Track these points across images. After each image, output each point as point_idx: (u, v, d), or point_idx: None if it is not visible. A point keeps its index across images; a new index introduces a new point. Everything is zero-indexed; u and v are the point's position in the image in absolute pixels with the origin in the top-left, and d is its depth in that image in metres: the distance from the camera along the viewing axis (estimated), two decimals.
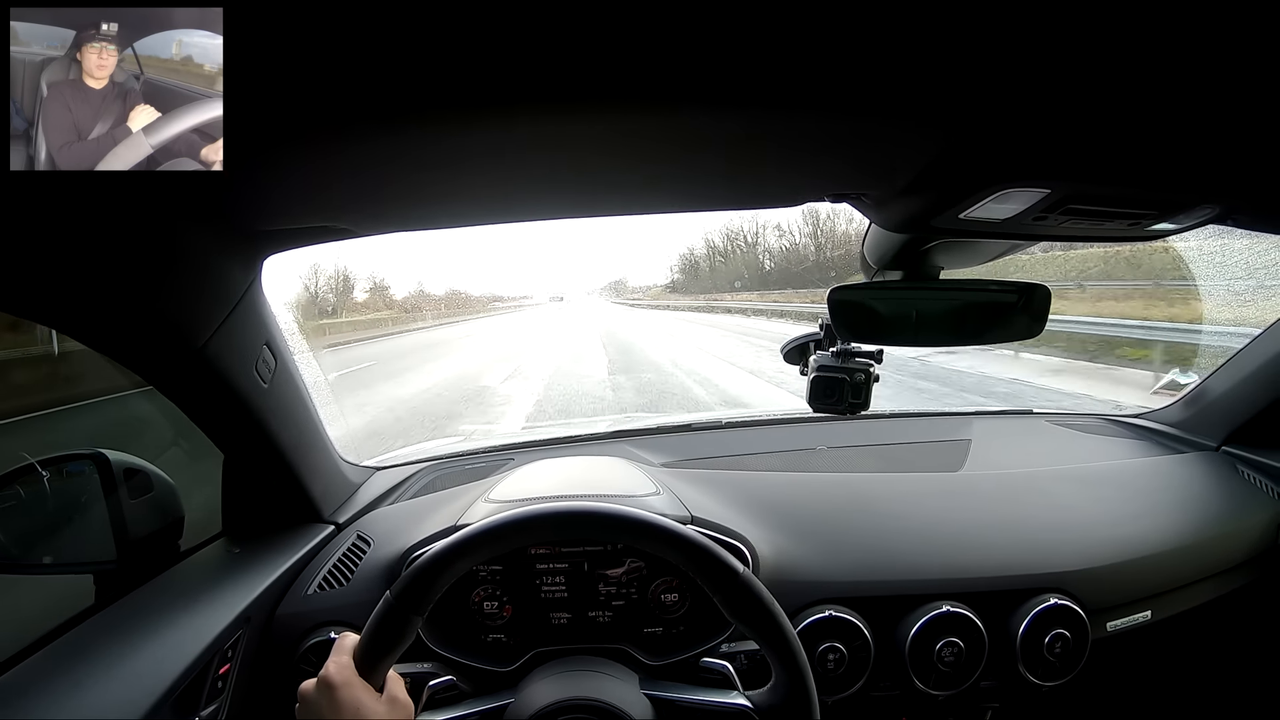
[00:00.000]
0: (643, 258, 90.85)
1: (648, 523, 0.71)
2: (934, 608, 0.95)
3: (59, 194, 0.51)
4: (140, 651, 0.73)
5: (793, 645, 0.69)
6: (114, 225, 0.58)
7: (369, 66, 0.41)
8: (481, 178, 0.62)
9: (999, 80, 0.47)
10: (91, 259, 0.60)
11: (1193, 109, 0.51)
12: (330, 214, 0.70)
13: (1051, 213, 0.66)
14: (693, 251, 53.59)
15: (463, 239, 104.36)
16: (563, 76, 0.43)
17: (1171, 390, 1.54)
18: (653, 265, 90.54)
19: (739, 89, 0.46)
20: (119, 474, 0.87)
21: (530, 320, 26.57)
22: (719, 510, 1.03)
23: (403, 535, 1.00)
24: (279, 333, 0.90)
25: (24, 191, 0.49)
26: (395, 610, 0.66)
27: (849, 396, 0.99)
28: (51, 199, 0.52)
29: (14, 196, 0.49)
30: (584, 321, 21.90)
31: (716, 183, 0.71)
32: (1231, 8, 0.39)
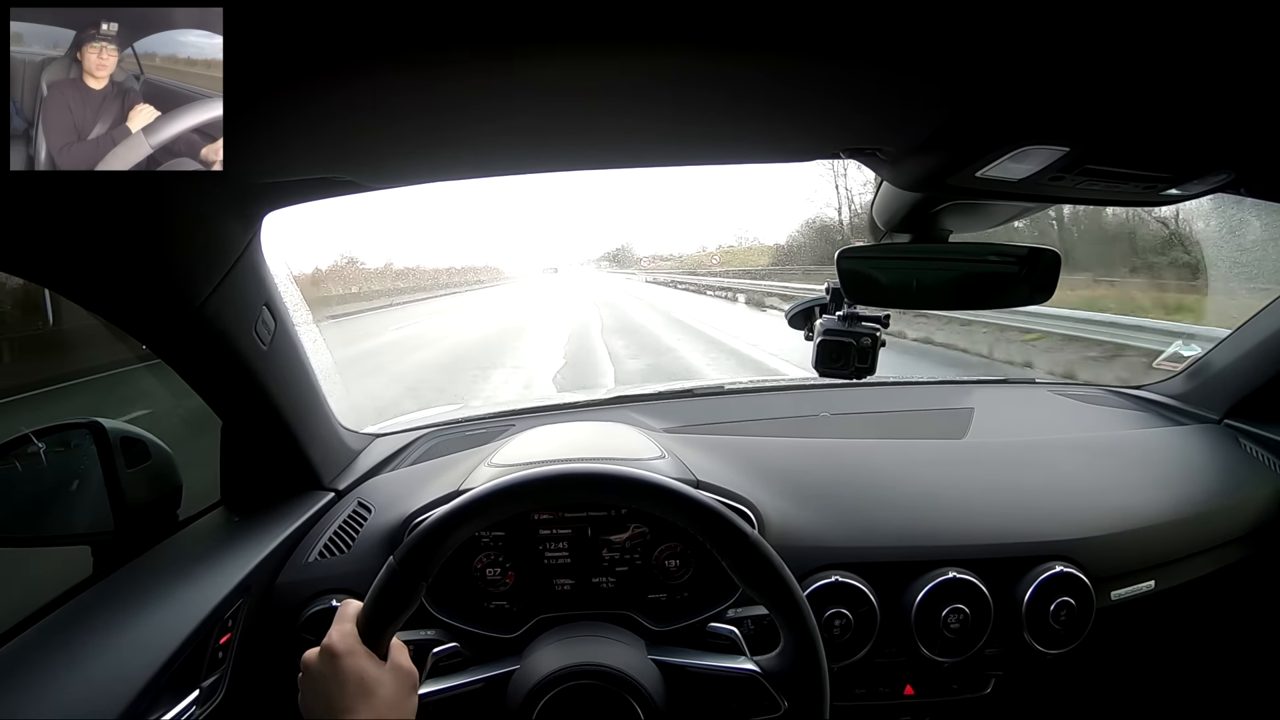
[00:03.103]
0: (658, 219, 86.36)
1: (657, 485, 0.70)
2: (940, 574, 0.95)
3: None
4: (139, 622, 0.72)
5: (802, 609, 0.69)
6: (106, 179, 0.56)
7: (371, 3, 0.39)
8: (489, 125, 0.60)
9: (1019, 35, 0.45)
10: (84, 215, 0.59)
11: (1215, 71, 0.50)
12: (332, 164, 0.68)
13: (1068, 173, 0.65)
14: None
15: (436, 200, 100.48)
16: (576, 14, 0.42)
17: (1174, 362, 1.54)
18: (674, 229, 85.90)
19: (754, 32, 0.45)
20: (116, 443, 0.86)
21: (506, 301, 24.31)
22: (724, 475, 1.02)
23: (404, 501, 0.99)
24: (278, 293, 0.89)
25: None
26: (399, 576, 0.65)
27: (855, 361, 0.99)
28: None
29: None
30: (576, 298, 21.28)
31: (729, 134, 0.69)
32: None
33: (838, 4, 0.42)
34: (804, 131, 0.68)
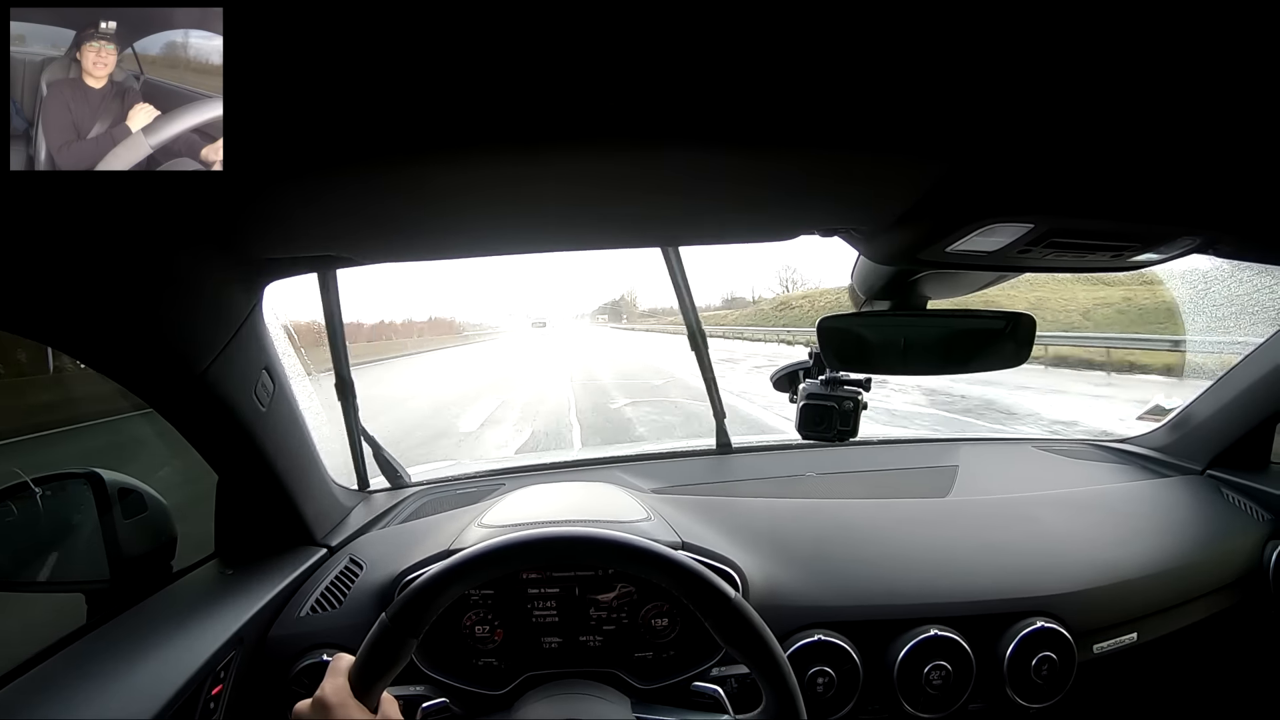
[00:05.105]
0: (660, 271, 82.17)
1: (640, 548, 0.72)
2: (922, 631, 0.95)
3: (67, 217, 0.52)
4: (132, 671, 0.73)
5: (783, 669, 0.70)
6: (121, 251, 0.59)
7: (369, 104, 0.42)
8: (480, 211, 0.63)
9: (983, 119, 0.48)
10: (98, 283, 0.61)
11: (1173, 142, 0.52)
12: (332, 243, 0.72)
13: (1035, 246, 0.68)
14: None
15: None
16: (557, 115, 0.45)
17: (1156, 415, 1.56)
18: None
19: (734, 128, 0.47)
20: (113, 493, 0.87)
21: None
22: (709, 536, 1.04)
23: (395, 559, 1.00)
24: (277, 358, 0.92)
25: (31, 212, 0.50)
26: (391, 632, 0.67)
27: (838, 424, 1.01)
28: (60, 222, 0.52)
29: (22, 218, 0.50)
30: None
31: (712, 218, 0.72)
32: (1209, 45, 0.40)
33: (810, 102, 0.45)
34: (780, 214, 0.71)
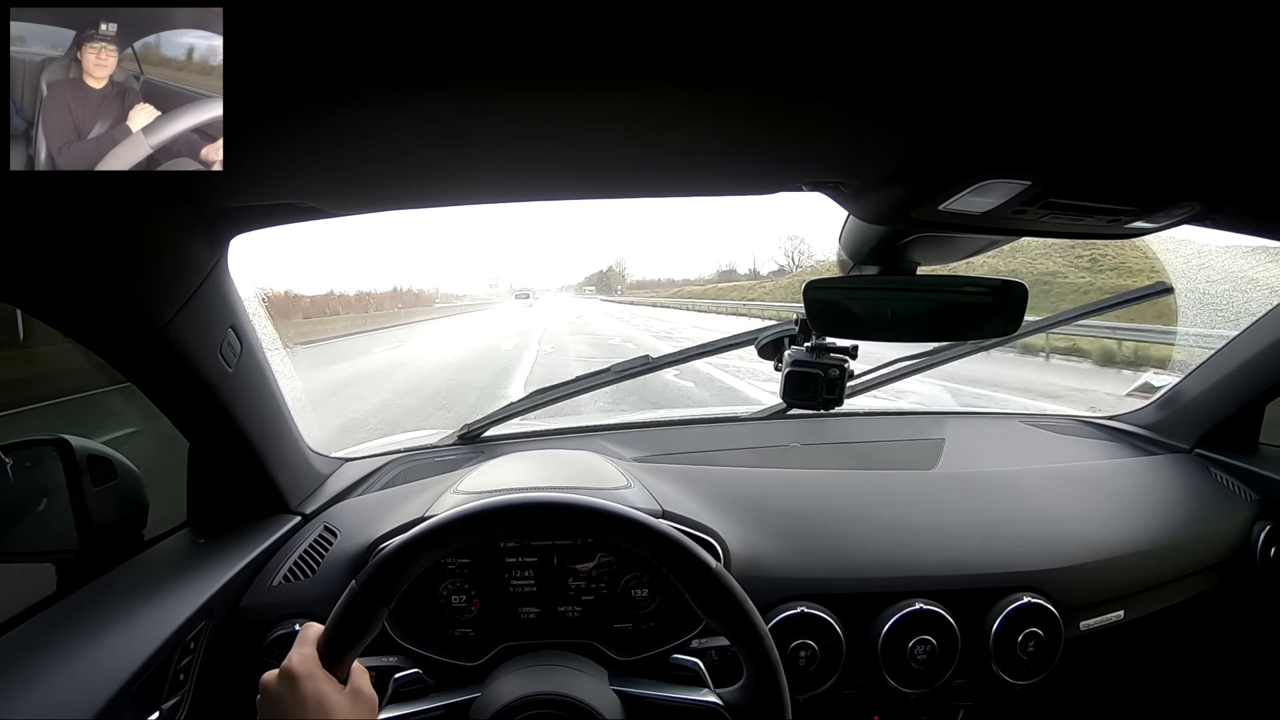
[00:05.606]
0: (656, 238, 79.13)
1: (619, 515, 0.70)
2: (907, 605, 0.95)
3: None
4: (100, 642, 0.71)
5: (765, 642, 0.69)
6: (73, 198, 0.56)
7: (342, 34, 0.40)
8: (454, 155, 0.60)
9: (981, 70, 0.46)
10: (49, 232, 0.58)
11: (1177, 104, 0.51)
12: (298, 190, 0.69)
13: (1031, 206, 0.66)
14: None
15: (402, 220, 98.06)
16: (541, 53, 0.43)
17: (1145, 393, 1.56)
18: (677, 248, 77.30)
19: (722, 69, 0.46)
20: (82, 461, 0.85)
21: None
22: (691, 505, 1.02)
23: (370, 526, 0.99)
24: (246, 317, 0.89)
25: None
26: (360, 600, 0.65)
27: (823, 392, 0.99)
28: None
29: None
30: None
31: (695, 169, 0.70)
32: (1219, 4, 0.39)
33: (798, 44, 0.43)
34: (768, 167, 0.69)
